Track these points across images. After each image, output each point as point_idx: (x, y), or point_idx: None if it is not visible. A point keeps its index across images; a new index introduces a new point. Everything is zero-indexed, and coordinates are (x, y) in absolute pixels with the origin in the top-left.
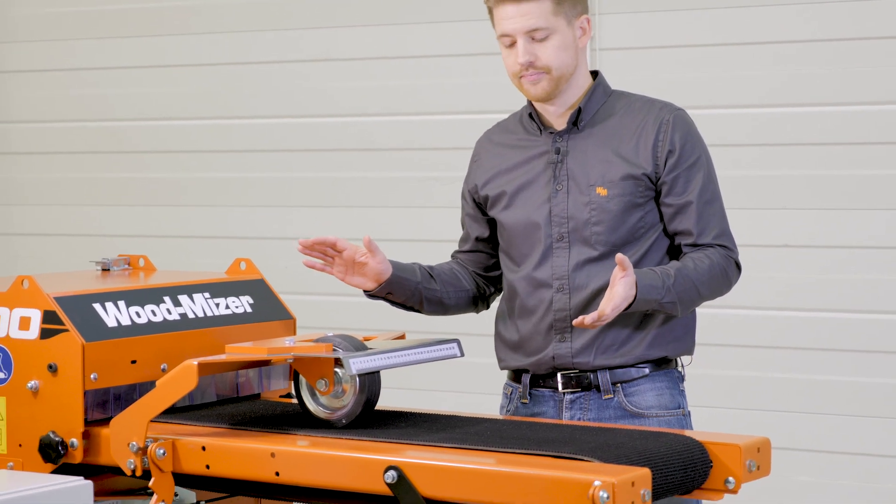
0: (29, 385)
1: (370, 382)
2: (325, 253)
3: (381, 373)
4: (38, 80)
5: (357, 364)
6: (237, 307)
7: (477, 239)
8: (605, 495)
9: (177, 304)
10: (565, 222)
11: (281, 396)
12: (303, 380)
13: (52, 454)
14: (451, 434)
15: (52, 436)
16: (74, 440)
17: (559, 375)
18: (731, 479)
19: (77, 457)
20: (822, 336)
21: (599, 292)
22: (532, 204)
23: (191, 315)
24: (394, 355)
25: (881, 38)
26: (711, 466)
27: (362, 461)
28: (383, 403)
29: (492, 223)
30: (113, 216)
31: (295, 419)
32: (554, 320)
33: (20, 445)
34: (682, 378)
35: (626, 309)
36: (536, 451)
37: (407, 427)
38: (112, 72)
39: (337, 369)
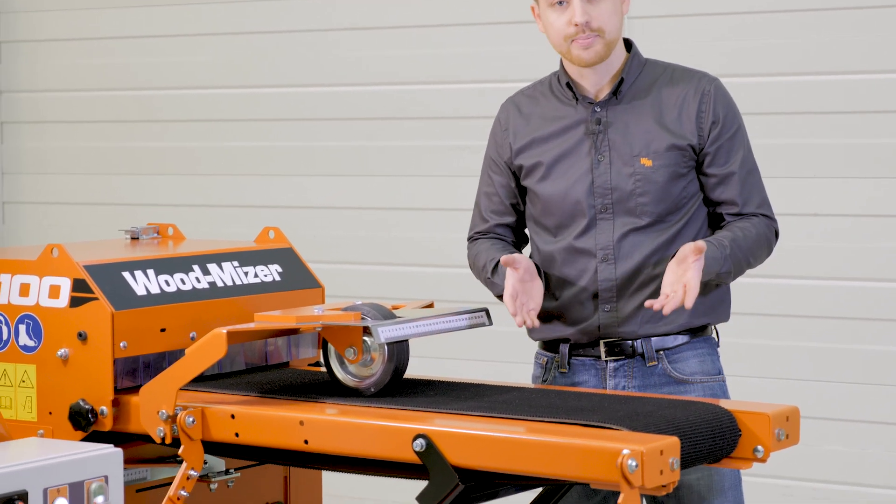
0: (59, 353)
1: (399, 351)
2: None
3: (410, 341)
4: (65, 50)
5: (386, 332)
6: (266, 276)
7: (517, 210)
8: (634, 464)
9: (206, 272)
10: (609, 193)
11: (309, 365)
12: (331, 348)
13: (82, 422)
14: (479, 402)
15: (81, 404)
16: (104, 408)
17: (602, 344)
18: (759, 447)
19: (107, 425)
20: (854, 305)
21: (644, 262)
22: (572, 175)
23: (220, 283)
24: (422, 324)
25: None
26: (740, 435)
27: (391, 429)
28: (411, 372)
29: (522, 193)
30: (142, 185)
31: (323, 387)
32: (599, 290)
33: (50, 413)
34: (717, 344)
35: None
36: (565, 419)
37: (435, 395)
38: (140, 41)
39: (366, 338)
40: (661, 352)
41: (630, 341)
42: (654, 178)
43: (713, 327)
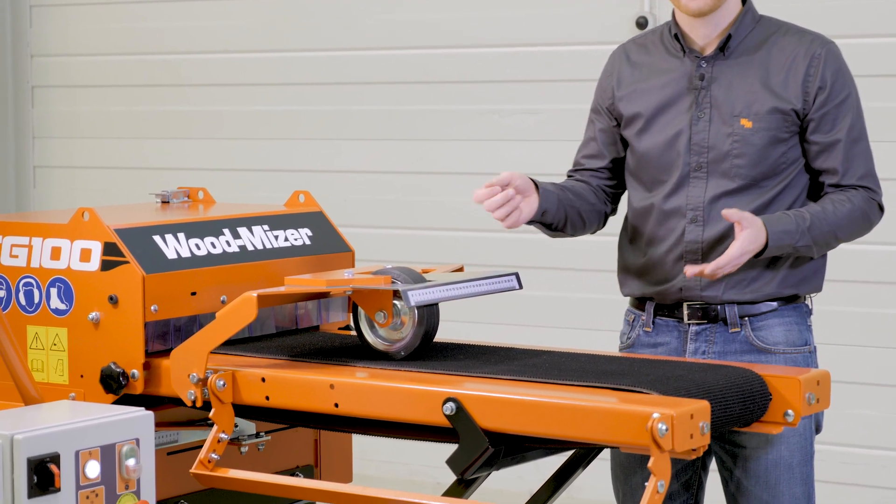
0: (90, 316)
1: (429, 315)
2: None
3: (440, 305)
4: (95, 14)
5: (416, 296)
6: (296, 239)
7: (611, 158)
8: (664, 427)
9: (236, 236)
10: (705, 152)
11: (339, 328)
12: (361, 312)
13: (114, 385)
14: (509, 366)
15: (113, 367)
16: (135, 371)
17: (685, 306)
18: (790, 412)
19: (138, 388)
20: None
21: (734, 226)
22: (670, 129)
23: (250, 247)
24: (452, 287)
25: None
26: (770, 399)
27: (421, 393)
28: (441, 336)
29: (623, 143)
30: (172, 149)
31: (353, 351)
32: (685, 251)
33: (82, 376)
34: (809, 313)
35: (758, 256)
36: (595, 383)
37: (465, 359)
38: (170, 4)
39: (395, 301)
40: (746, 318)
41: (714, 305)
42: (753, 140)
43: (806, 296)
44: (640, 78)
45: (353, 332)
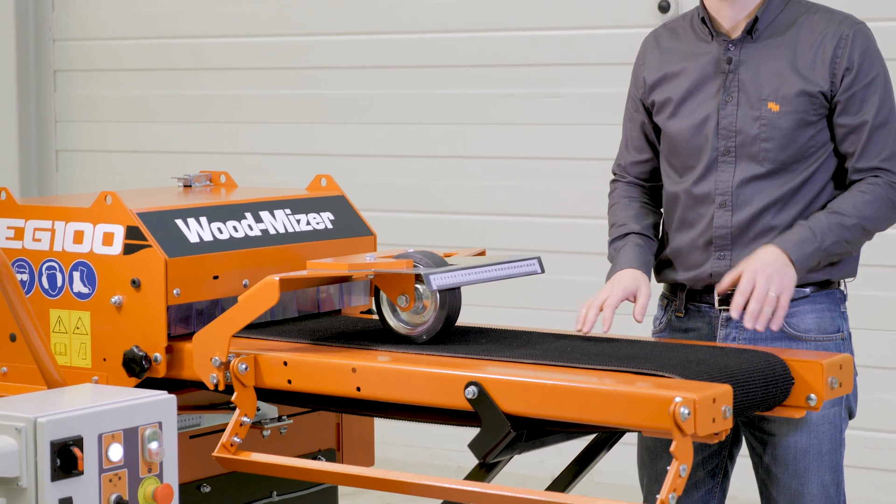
0: (112, 300)
1: (451, 298)
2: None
3: (462, 289)
4: None
5: (438, 280)
6: (318, 223)
7: (654, 148)
8: (686, 412)
9: (258, 220)
10: (733, 136)
11: (361, 312)
12: (383, 296)
13: (136, 368)
14: (531, 350)
15: (135, 350)
16: (158, 355)
17: (716, 291)
18: (812, 396)
19: (160, 371)
20: None
21: (763, 210)
22: (699, 113)
23: (272, 231)
24: (474, 271)
25: None
26: (793, 383)
27: (443, 377)
28: (463, 320)
29: (657, 131)
30: (194, 133)
31: (375, 335)
32: (714, 237)
33: (104, 360)
34: (843, 298)
35: (798, 274)
36: (617, 367)
37: (487, 343)
38: None
39: (418, 285)
40: None
41: None
42: (780, 123)
43: (840, 281)
44: (669, 63)
45: (375, 316)
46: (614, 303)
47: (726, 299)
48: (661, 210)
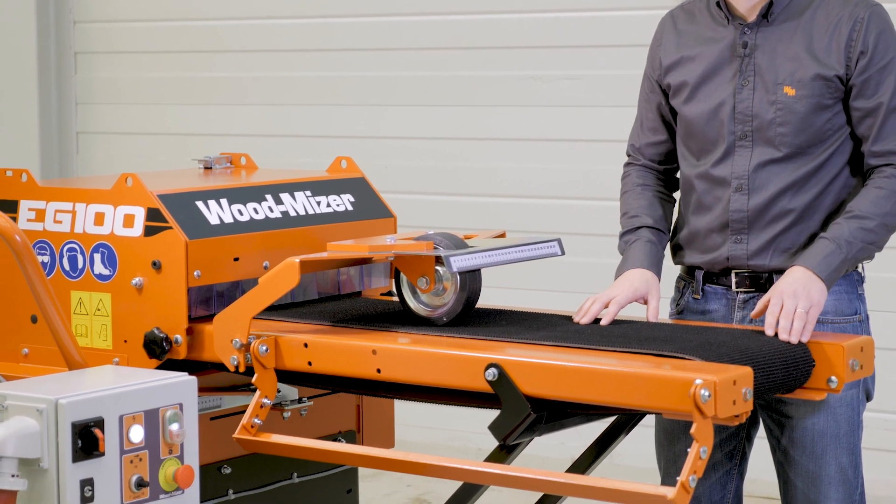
0: (133, 282)
1: (471, 280)
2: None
3: (482, 271)
4: None
5: (458, 262)
6: (338, 205)
7: (669, 129)
8: (707, 394)
9: (278, 202)
10: (749, 120)
11: (382, 294)
12: (404, 278)
13: (157, 350)
14: (551, 332)
15: (156, 332)
16: (178, 336)
17: (733, 274)
18: (833, 378)
19: (181, 353)
20: None
21: (780, 194)
22: (715, 98)
23: (292, 213)
24: (494, 253)
25: None
26: (814, 366)
27: (463, 359)
28: (483, 302)
29: (673, 113)
30: (214, 115)
31: (396, 317)
32: (730, 220)
33: (125, 341)
34: (861, 280)
35: (828, 287)
36: (638, 349)
37: (508, 325)
38: None
39: (438, 267)
40: None
41: (762, 273)
42: (796, 108)
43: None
44: (685, 46)
45: (396, 298)
46: (622, 301)
47: (743, 281)
48: (674, 196)
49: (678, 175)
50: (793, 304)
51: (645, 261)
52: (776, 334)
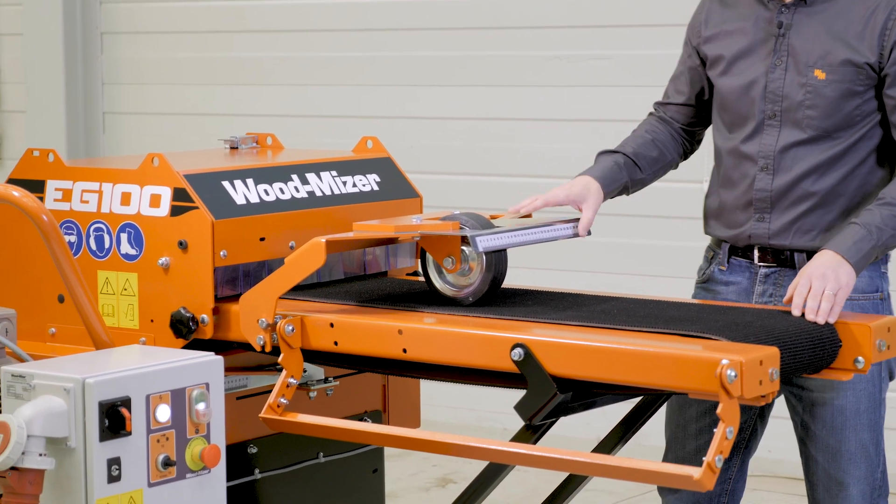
0: (160, 262)
1: (497, 260)
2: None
3: (508, 251)
4: None
5: (484, 242)
6: (364, 185)
7: (696, 94)
8: (733, 374)
9: (304, 182)
10: (779, 100)
11: (407, 274)
12: (429, 257)
13: (184, 330)
14: (577, 312)
15: (183, 312)
16: (205, 316)
17: (756, 249)
18: (860, 358)
19: (207, 332)
20: None
21: (804, 176)
22: (748, 74)
23: (318, 193)
24: (520, 233)
25: None
26: (840, 346)
27: (489, 339)
28: (509, 282)
29: (708, 82)
30: (240, 95)
31: (422, 297)
32: (754, 199)
33: (152, 321)
34: (885, 259)
35: (857, 272)
36: (664, 329)
37: (534, 305)
38: None
39: (464, 247)
40: None
41: (785, 251)
42: (825, 92)
43: None
44: (727, 19)
45: (421, 278)
46: (549, 200)
47: (765, 255)
48: (678, 156)
49: (695, 141)
50: (821, 286)
51: (598, 172)
52: (804, 315)
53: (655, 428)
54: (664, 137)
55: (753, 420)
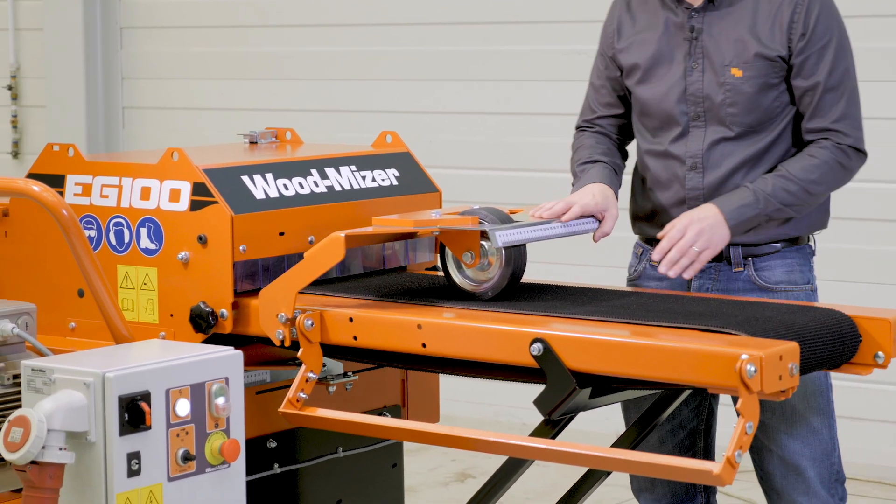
0: (179, 256)
1: (516, 255)
2: None
3: (527, 246)
4: None
5: (503, 236)
6: (383, 180)
7: (625, 102)
8: (753, 369)
9: (324, 176)
10: (700, 102)
11: (427, 269)
12: (449, 252)
13: (203, 324)
14: (597, 307)
15: (202, 306)
16: (224, 311)
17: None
18: (880, 353)
19: (227, 327)
20: None
21: (734, 171)
22: (666, 81)
23: (337, 188)
24: (540, 228)
25: None
26: (860, 341)
27: (508, 333)
28: (528, 277)
29: (628, 90)
30: (258, 90)
31: (441, 291)
32: (687, 197)
33: (171, 315)
34: (812, 254)
35: (732, 236)
36: (683, 324)
37: (553, 300)
38: None
39: (483, 242)
40: (749, 258)
41: None
42: (744, 88)
43: (810, 236)
44: (638, 29)
45: (440, 273)
46: (585, 206)
47: None
48: (623, 166)
49: (626, 154)
50: (692, 241)
51: (605, 179)
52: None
53: None
54: (615, 147)
55: (708, 401)
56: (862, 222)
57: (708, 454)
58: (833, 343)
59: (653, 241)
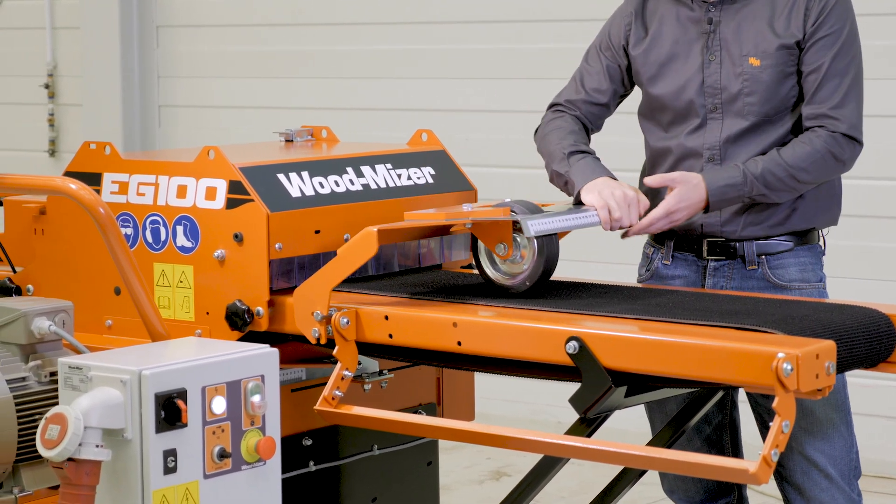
0: (215, 254)
1: (548, 245)
2: None
3: (560, 243)
4: None
5: (535, 226)
6: (419, 178)
7: (614, 93)
8: (790, 367)
9: (359, 174)
10: (718, 93)
11: (462, 267)
12: (482, 246)
13: (239, 322)
14: (632, 305)
15: (238, 304)
16: (260, 308)
17: (705, 242)
18: None
19: (262, 325)
20: None
21: None
22: (684, 74)
23: (373, 186)
24: (571, 217)
25: None
26: None
27: (544, 331)
28: (562, 274)
29: (629, 83)
30: (294, 88)
31: (476, 289)
32: None
33: (207, 313)
34: (823, 253)
35: (705, 211)
36: (720, 322)
37: (588, 298)
38: None
39: (515, 234)
40: (763, 256)
41: (733, 243)
42: (762, 77)
43: (819, 232)
44: (654, 23)
45: (476, 271)
46: (644, 202)
47: (714, 248)
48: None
49: (596, 130)
50: (672, 220)
51: (608, 174)
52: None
53: None
54: (587, 138)
55: (730, 394)
56: (870, 220)
57: (736, 450)
58: (870, 342)
59: (664, 237)
